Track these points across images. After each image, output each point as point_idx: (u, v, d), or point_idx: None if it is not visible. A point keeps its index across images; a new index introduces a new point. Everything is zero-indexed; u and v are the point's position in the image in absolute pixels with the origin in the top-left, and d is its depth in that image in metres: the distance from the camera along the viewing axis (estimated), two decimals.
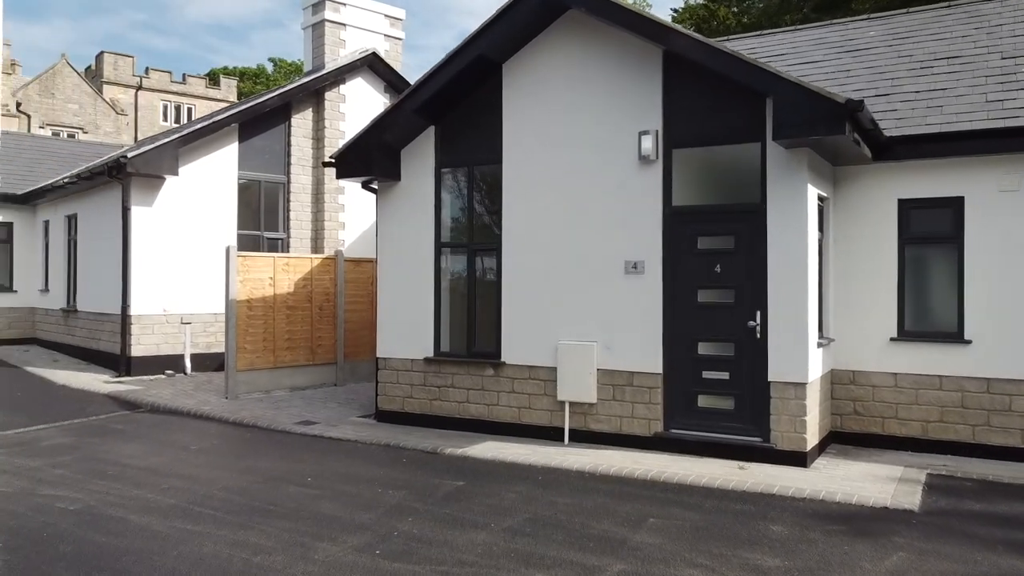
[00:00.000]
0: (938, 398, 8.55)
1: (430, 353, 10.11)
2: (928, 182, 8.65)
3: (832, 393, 9.03)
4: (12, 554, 5.54)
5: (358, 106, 16.91)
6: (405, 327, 10.29)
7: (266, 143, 16.11)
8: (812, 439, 8.04)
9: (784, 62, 10.95)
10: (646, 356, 8.65)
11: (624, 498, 6.92)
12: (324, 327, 13.65)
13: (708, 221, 8.50)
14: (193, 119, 27.56)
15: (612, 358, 8.85)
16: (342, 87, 16.85)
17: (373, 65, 17.20)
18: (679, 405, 8.56)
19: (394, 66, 17.47)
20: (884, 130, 8.50)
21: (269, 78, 67.92)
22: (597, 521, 6.28)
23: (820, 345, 8.42)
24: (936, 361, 8.56)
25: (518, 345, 9.47)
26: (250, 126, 15.78)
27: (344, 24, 16.99)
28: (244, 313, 12.39)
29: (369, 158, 10.04)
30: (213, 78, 60.78)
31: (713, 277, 8.43)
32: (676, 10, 33.63)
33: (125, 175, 14.03)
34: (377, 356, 10.57)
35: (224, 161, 15.44)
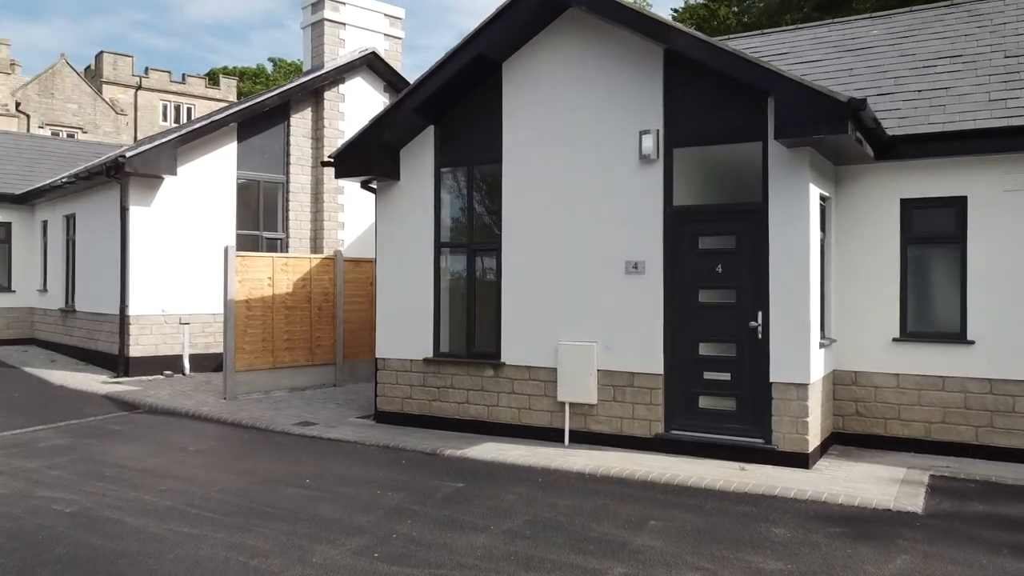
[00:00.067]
0: (941, 399, 8.50)
1: (429, 354, 10.05)
2: (931, 182, 8.60)
3: (834, 394, 8.98)
4: (7, 557, 5.49)
5: (357, 106, 16.85)
6: (404, 327, 10.24)
7: (265, 143, 16.05)
8: (814, 440, 7.99)
9: (785, 61, 10.89)
10: (647, 357, 8.59)
11: (625, 500, 6.87)
12: (323, 327, 13.59)
13: (709, 221, 8.45)
14: (193, 119, 27.51)
15: (612, 359, 8.79)
16: (341, 87, 16.80)
17: (372, 64, 17.14)
18: (680, 406, 8.51)
19: (394, 65, 17.40)
20: (887, 129, 8.45)
21: (269, 78, 67.89)
22: (598, 523, 6.23)
23: (822, 346, 8.37)
24: (939, 362, 8.51)
25: (518, 345, 9.42)
26: (249, 126, 15.72)
27: (343, 23, 16.92)
28: (243, 313, 12.34)
29: (368, 157, 9.99)
30: (213, 78, 60.75)
31: (714, 277, 8.38)
32: (676, 10, 33.59)
33: (123, 175, 13.98)
34: (376, 357, 10.52)
35: (223, 161, 15.39)
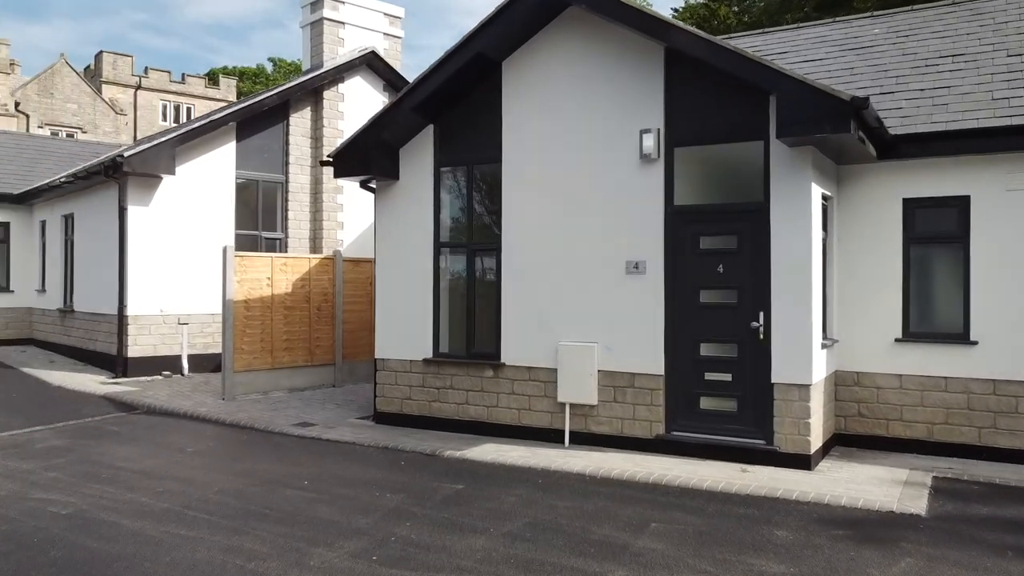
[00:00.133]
0: (943, 400, 8.44)
1: (429, 354, 9.99)
2: (933, 181, 8.54)
3: (836, 395, 8.92)
4: (1, 560, 5.43)
5: (357, 105, 16.78)
6: (404, 328, 10.18)
7: (264, 142, 15.99)
8: (816, 441, 7.93)
9: (786, 60, 10.83)
10: (647, 357, 8.54)
11: (626, 502, 6.81)
12: (322, 327, 13.53)
13: (710, 220, 8.39)
14: (192, 119, 27.46)
15: (613, 359, 8.74)
16: (341, 86, 16.73)
17: (372, 64, 17.07)
18: (681, 407, 8.45)
19: (393, 65, 17.33)
20: (889, 128, 8.40)
21: (269, 78, 67.83)
22: (598, 526, 6.17)
23: (824, 346, 8.31)
24: (942, 362, 8.45)
25: (518, 346, 9.36)
26: (248, 125, 15.65)
27: (343, 22, 16.85)
28: (241, 313, 12.28)
29: (367, 157, 9.93)
30: (212, 78, 60.70)
31: (715, 277, 8.32)
32: (676, 9, 33.53)
33: (122, 174, 13.92)
34: (375, 357, 10.46)
35: (222, 160, 15.32)
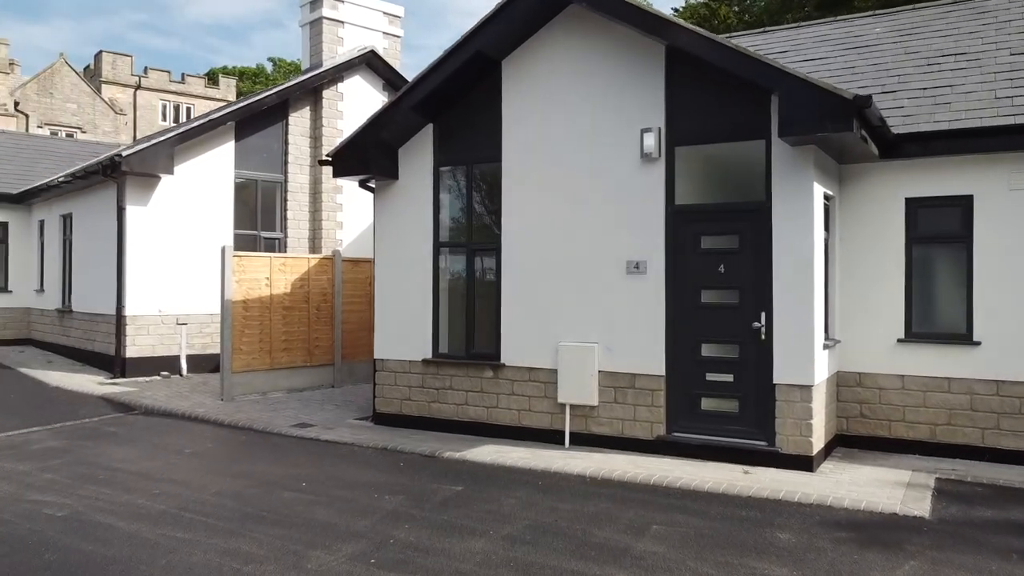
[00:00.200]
0: (946, 401, 8.38)
1: (428, 354, 9.93)
2: (936, 180, 8.48)
3: (838, 395, 8.86)
4: None
5: (356, 104, 16.72)
6: (403, 328, 10.12)
7: (263, 142, 15.92)
8: (818, 443, 7.87)
9: (787, 59, 10.76)
10: (648, 357, 8.48)
11: (626, 504, 6.75)
12: (322, 328, 13.48)
13: (712, 220, 8.33)
14: (191, 118, 27.41)
15: (614, 360, 8.68)
16: (340, 85, 16.67)
17: (371, 63, 17.00)
18: (682, 408, 8.39)
19: (393, 64, 17.26)
20: (891, 127, 8.34)
21: (269, 78, 67.76)
22: (599, 528, 6.11)
23: (826, 347, 8.25)
24: (944, 363, 8.39)
25: (518, 346, 9.30)
26: (247, 124, 15.59)
27: (342, 22, 16.78)
28: (240, 314, 12.23)
29: (366, 156, 9.87)
30: (212, 78, 60.64)
31: (717, 277, 8.26)
32: (677, 9, 33.45)
33: (120, 174, 13.85)
34: (374, 357, 10.40)
35: (220, 160, 15.26)
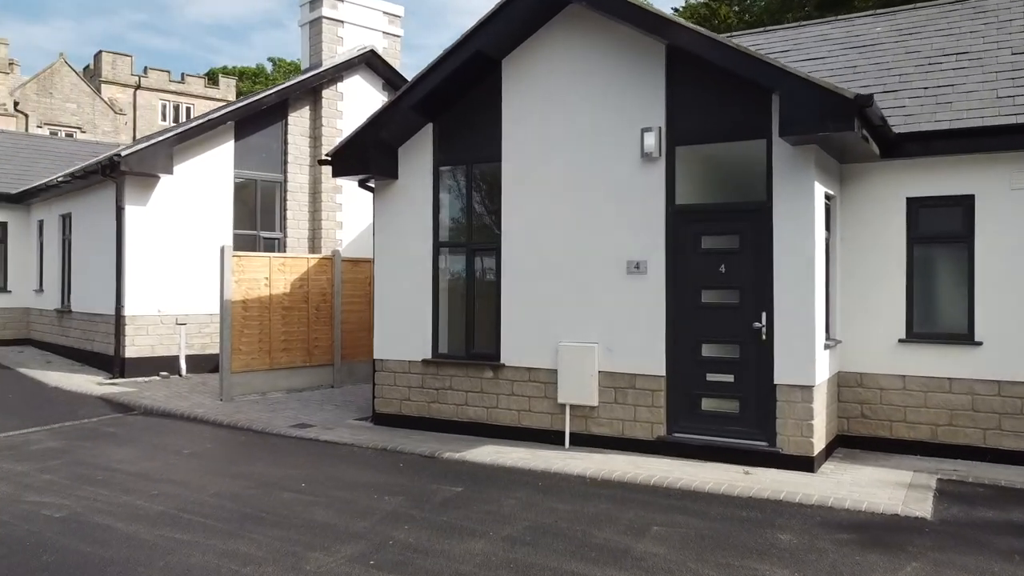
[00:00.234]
0: (948, 401, 8.35)
1: (428, 355, 9.91)
2: (937, 180, 8.45)
3: (839, 396, 8.83)
4: None
5: (356, 104, 16.68)
6: (402, 328, 10.09)
7: (263, 141, 15.89)
8: (819, 443, 7.84)
9: (788, 58, 10.73)
10: (649, 358, 8.45)
11: (627, 504, 6.72)
12: (321, 328, 13.45)
13: (712, 220, 8.30)
14: (191, 118, 27.38)
15: (614, 360, 8.65)
16: (340, 85, 16.64)
17: (371, 63, 16.97)
18: (682, 408, 8.36)
19: (393, 64, 17.22)
20: (892, 127, 8.30)
21: (268, 78, 67.71)
22: (599, 529, 6.09)
23: (827, 347, 8.22)
24: (946, 363, 8.36)
25: (518, 347, 9.27)
26: (246, 124, 15.55)
27: (342, 21, 16.74)
28: (239, 314, 12.20)
29: (366, 156, 9.84)
30: (212, 78, 60.59)
31: (717, 277, 8.23)
32: (677, 9, 33.42)
33: (119, 174, 13.82)
34: (374, 358, 10.37)
35: (220, 160, 15.23)
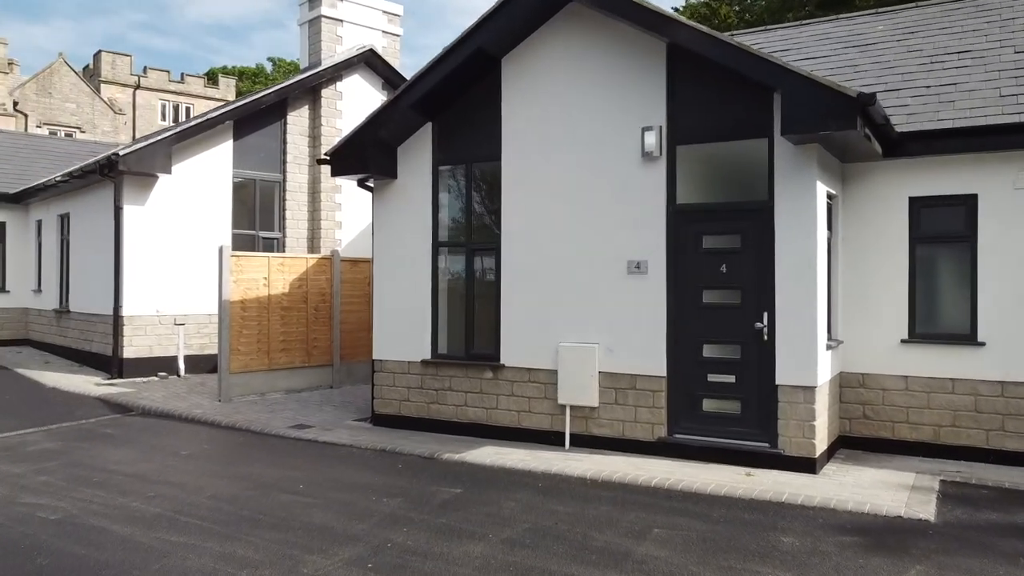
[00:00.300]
0: (950, 402, 8.29)
1: (427, 355, 9.85)
2: (940, 179, 8.40)
3: (841, 396, 8.77)
4: None
5: (355, 103, 16.62)
6: (402, 328, 10.03)
7: (261, 141, 15.83)
8: (821, 444, 7.78)
9: (789, 57, 10.66)
10: (649, 358, 8.39)
11: (627, 506, 6.67)
12: (320, 328, 13.39)
13: (713, 219, 8.25)
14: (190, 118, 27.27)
15: (614, 360, 8.59)
16: (339, 84, 16.58)
17: (370, 62, 16.92)
18: (683, 409, 8.30)
19: (392, 63, 17.18)
20: (895, 126, 8.25)
21: (268, 77, 67.63)
22: (599, 532, 6.03)
23: (829, 347, 8.16)
24: (948, 364, 8.31)
25: (518, 347, 9.21)
26: (245, 124, 15.50)
27: (341, 20, 16.68)
28: (238, 314, 12.14)
29: (365, 155, 9.78)
30: (212, 77, 60.51)
31: (719, 277, 8.18)
32: (677, 9, 33.35)
33: (117, 173, 13.76)
34: (373, 358, 10.32)
35: (218, 159, 15.17)
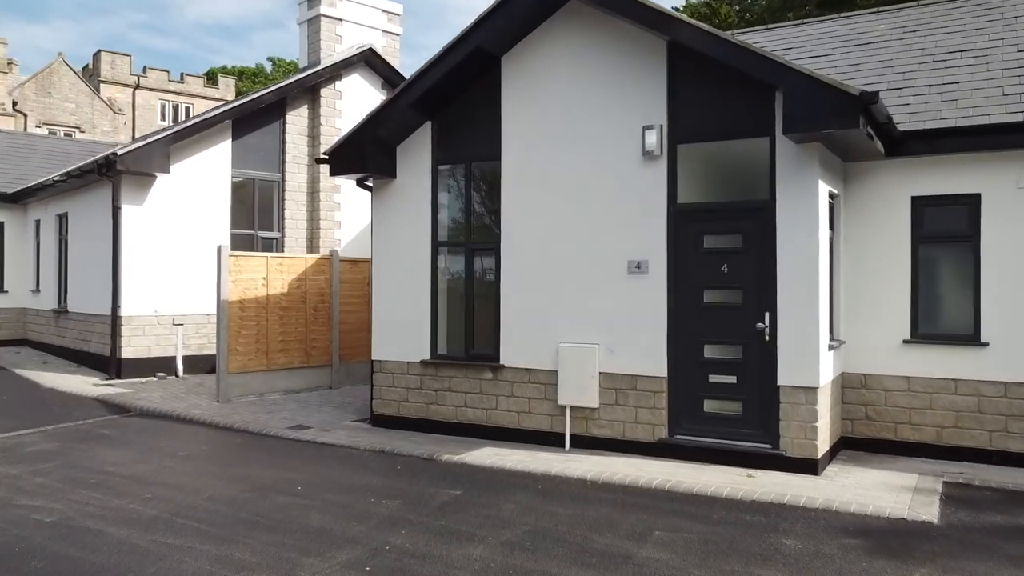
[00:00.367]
0: (953, 403, 8.24)
1: (427, 355, 9.79)
2: (943, 179, 8.34)
3: (843, 397, 8.71)
4: None
5: (354, 103, 16.56)
6: (401, 329, 9.98)
7: (260, 140, 15.77)
8: (823, 446, 7.73)
9: (790, 56, 10.59)
10: (650, 359, 8.33)
11: (628, 508, 6.61)
12: (319, 328, 13.33)
13: (715, 219, 8.19)
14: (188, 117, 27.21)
15: (615, 361, 8.53)
16: (338, 83, 16.52)
17: (370, 61, 16.86)
18: (684, 410, 8.25)
19: (392, 62, 17.11)
20: (897, 125, 8.19)
21: (268, 77, 67.52)
22: (600, 534, 5.97)
23: (831, 347, 8.10)
24: (951, 364, 8.25)
25: (517, 347, 9.15)
26: (244, 123, 15.44)
27: (340, 19, 16.61)
28: (236, 314, 12.08)
29: (364, 154, 9.73)
30: (211, 77, 60.42)
31: (720, 277, 8.12)
32: (678, 9, 33.32)
33: (115, 173, 13.70)
34: (372, 359, 10.26)
35: (217, 159, 15.11)
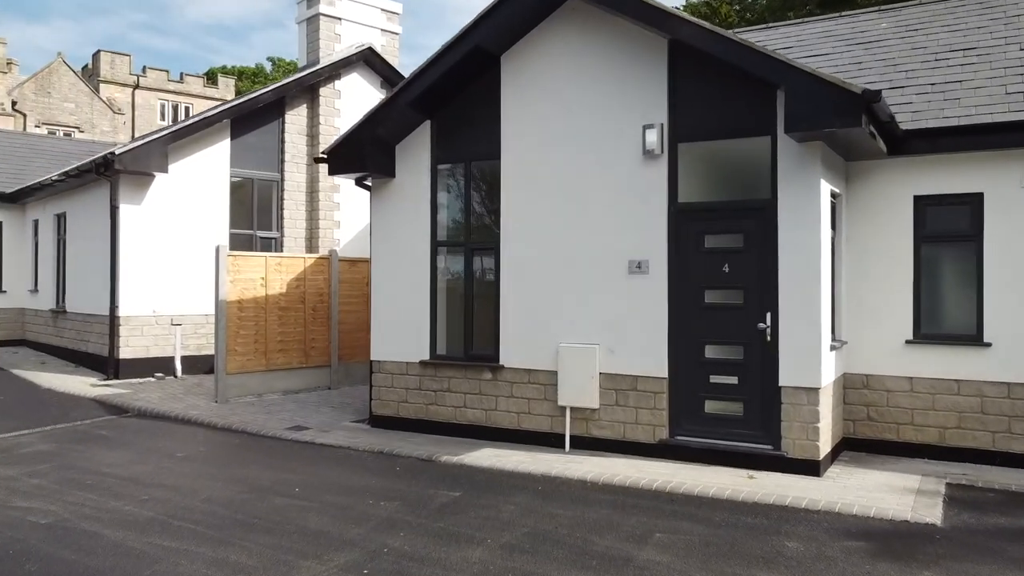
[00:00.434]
0: (956, 403, 8.18)
1: (426, 356, 9.74)
2: (945, 178, 8.28)
3: (845, 398, 8.66)
4: None
5: (354, 102, 16.50)
6: (400, 329, 9.92)
7: (259, 140, 15.71)
8: (825, 447, 7.67)
9: (792, 54, 10.54)
10: (651, 359, 8.28)
11: (628, 510, 6.55)
12: (318, 328, 13.28)
13: (716, 218, 8.13)
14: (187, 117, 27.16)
15: (615, 361, 8.48)
16: (337, 83, 16.47)
17: (369, 60, 16.81)
18: (685, 411, 8.19)
19: (391, 62, 17.06)
20: (899, 123, 8.14)
21: (268, 77, 67.45)
22: (600, 536, 5.92)
23: (833, 348, 8.05)
24: (954, 365, 8.19)
25: (517, 348, 9.10)
26: (243, 122, 15.38)
27: (339, 18, 16.56)
28: (235, 314, 12.02)
29: (362, 153, 9.67)
30: (211, 77, 60.36)
31: (721, 277, 8.07)
32: (677, 8, 33.26)
33: (113, 172, 13.65)
34: (371, 359, 10.20)
35: (216, 158, 15.05)
